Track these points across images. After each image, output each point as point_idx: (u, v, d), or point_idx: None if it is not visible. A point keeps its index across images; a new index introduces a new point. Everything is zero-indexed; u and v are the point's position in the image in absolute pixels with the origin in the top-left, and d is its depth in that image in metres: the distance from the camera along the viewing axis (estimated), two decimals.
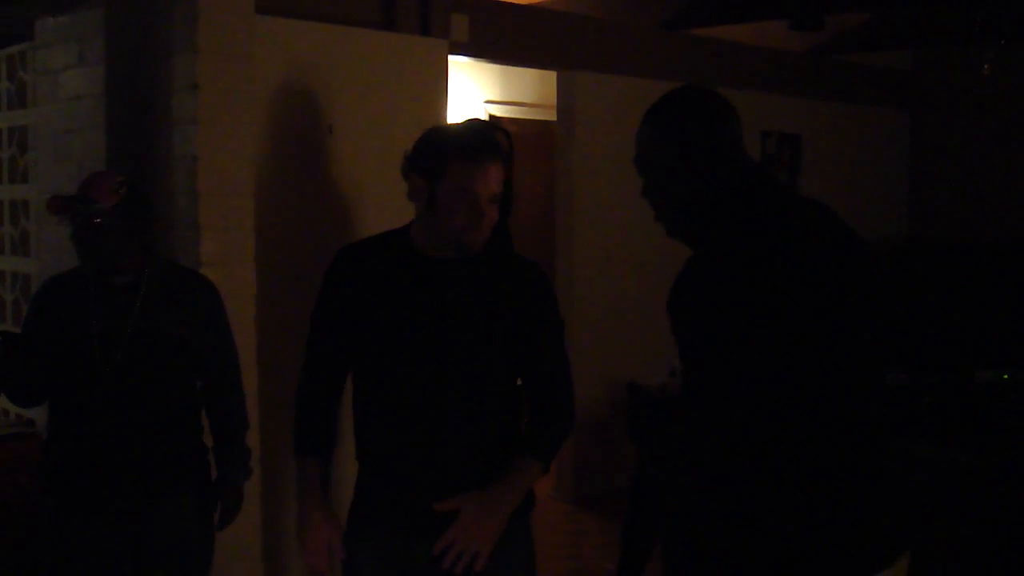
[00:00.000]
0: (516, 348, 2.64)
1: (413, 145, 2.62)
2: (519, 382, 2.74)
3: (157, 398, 3.08)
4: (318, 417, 2.77)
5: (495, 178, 2.55)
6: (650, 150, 2.23)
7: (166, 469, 3.11)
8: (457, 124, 2.67)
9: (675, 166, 2.18)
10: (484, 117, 7.31)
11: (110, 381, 3.01)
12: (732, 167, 2.18)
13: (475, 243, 2.58)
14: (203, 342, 3.18)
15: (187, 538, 3.16)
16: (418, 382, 2.58)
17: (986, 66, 6.47)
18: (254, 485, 3.41)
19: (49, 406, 3.16)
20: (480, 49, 5.58)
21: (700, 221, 2.19)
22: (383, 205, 4.18)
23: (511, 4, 5.83)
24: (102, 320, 3.03)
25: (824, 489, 2.03)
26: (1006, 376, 4.98)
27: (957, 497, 4.22)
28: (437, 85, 4.81)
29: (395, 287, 2.62)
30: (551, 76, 6.44)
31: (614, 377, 6.29)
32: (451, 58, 5.08)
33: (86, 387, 3.03)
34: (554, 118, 6.54)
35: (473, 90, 7.37)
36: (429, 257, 2.62)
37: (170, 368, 3.12)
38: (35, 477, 4.15)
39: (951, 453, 4.27)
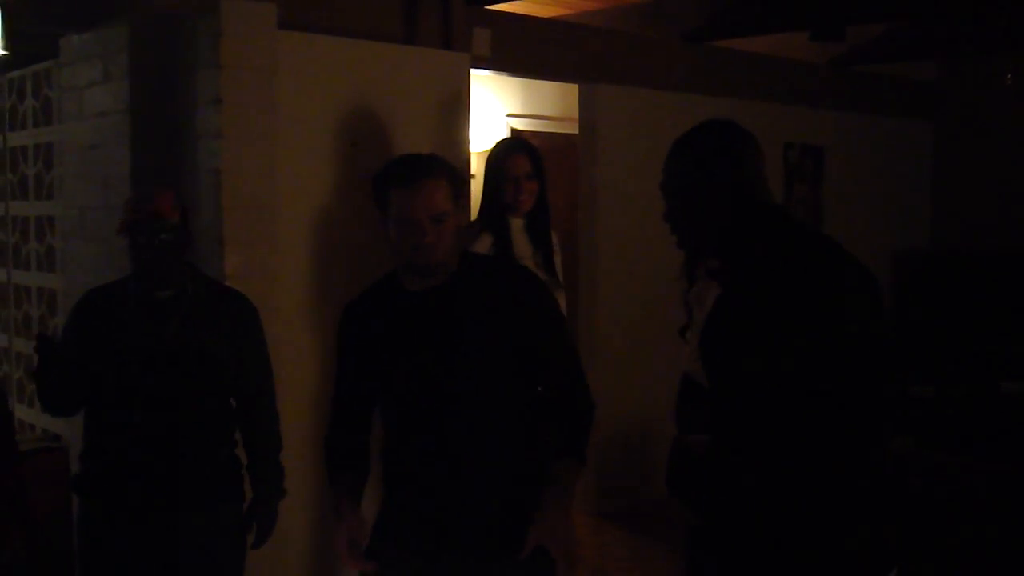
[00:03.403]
0: (526, 354, 2.67)
1: None
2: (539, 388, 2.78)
3: (192, 413, 3.09)
4: (346, 451, 2.84)
5: (434, 197, 2.58)
6: (676, 179, 2.32)
7: (200, 483, 3.11)
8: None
9: (699, 197, 2.27)
10: (507, 131, 7.32)
11: (146, 394, 3.03)
12: (752, 203, 2.25)
13: (430, 263, 2.60)
14: (240, 360, 3.19)
15: (220, 552, 3.17)
16: (431, 410, 2.64)
17: (1009, 76, 6.46)
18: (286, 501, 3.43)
19: (85, 417, 3.18)
20: (502, 63, 5.59)
21: (717, 251, 2.30)
22: None
23: (533, 18, 5.85)
24: (142, 333, 3.04)
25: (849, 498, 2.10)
26: None
27: (983, 507, 4.20)
28: (459, 99, 4.82)
29: (392, 329, 2.69)
30: (573, 89, 6.43)
31: (637, 391, 6.28)
32: (473, 72, 5.08)
33: (123, 399, 3.04)
34: (576, 131, 6.54)
35: (495, 104, 7.39)
36: (415, 292, 2.67)
37: (206, 384, 3.13)
38: (61, 491, 4.18)
39: (977, 464, 4.25)
